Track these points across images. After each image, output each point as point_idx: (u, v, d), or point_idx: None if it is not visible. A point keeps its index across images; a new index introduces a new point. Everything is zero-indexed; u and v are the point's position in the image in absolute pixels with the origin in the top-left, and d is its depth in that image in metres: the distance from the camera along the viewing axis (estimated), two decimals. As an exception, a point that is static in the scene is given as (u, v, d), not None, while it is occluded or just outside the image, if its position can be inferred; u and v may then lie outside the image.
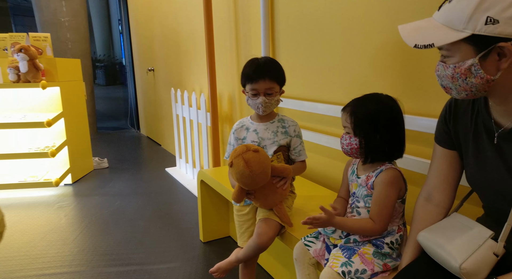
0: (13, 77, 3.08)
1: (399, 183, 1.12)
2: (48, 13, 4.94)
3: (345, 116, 1.16)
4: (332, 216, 1.11)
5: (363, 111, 1.12)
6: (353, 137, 1.13)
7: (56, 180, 3.27)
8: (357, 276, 1.07)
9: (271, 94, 1.47)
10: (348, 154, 1.18)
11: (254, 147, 1.32)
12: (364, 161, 1.17)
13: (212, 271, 1.57)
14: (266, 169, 1.32)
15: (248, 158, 1.28)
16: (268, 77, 1.44)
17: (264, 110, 1.50)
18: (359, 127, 1.12)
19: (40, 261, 2.17)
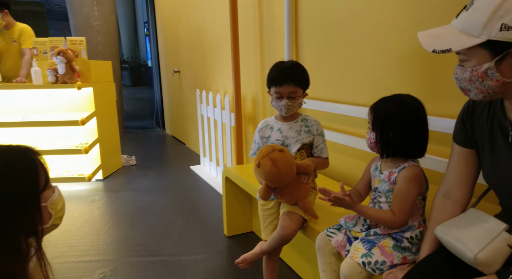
0: (52, 78, 3.29)
1: (420, 180, 1.18)
2: (82, 18, 5.18)
3: (369, 113, 1.26)
4: (355, 203, 1.20)
5: (382, 108, 1.21)
6: (372, 132, 1.23)
7: (88, 176, 3.46)
8: (376, 267, 1.14)
9: (294, 98, 1.55)
10: (370, 148, 1.26)
11: (279, 147, 1.40)
12: (381, 156, 1.25)
13: (237, 262, 1.66)
14: (291, 167, 1.41)
15: (274, 157, 1.36)
16: (292, 82, 1.53)
17: (287, 112, 1.59)
18: (375, 123, 1.21)
19: (77, 249, 2.33)
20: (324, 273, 1.33)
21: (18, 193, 0.79)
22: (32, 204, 0.82)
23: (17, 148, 0.84)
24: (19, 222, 0.79)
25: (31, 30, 3.85)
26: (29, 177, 0.82)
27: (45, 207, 0.86)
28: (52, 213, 0.89)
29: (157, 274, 2.03)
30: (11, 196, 0.78)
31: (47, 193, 0.87)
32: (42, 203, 0.85)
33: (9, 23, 3.78)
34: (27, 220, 0.81)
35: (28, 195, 0.81)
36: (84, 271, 2.09)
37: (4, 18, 3.69)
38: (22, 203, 0.79)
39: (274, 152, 1.38)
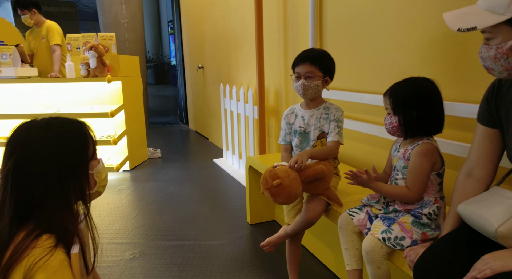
0: (84, 72, 3.45)
1: (433, 156, 1.22)
2: (111, 16, 5.38)
3: (386, 98, 1.29)
4: (372, 179, 1.26)
5: (400, 91, 1.26)
6: (393, 116, 1.26)
7: (117, 166, 3.60)
8: (396, 242, 1.18)
9: (311, 78, 1.57)
10: (391, 133, 1.30)
11: (276, 182, 1.38)
12: (405, 137, 1.29)
13: (262, 244, 1.72)
14: (292, 195, 1.42)
15: (272, 192, 1.40)
16: (309, 61, 1.57)
17: (304, 93, 1.60)
18: (397, 106, 1.25)
19: (108, 232, 2.45)
20: (346, 251, 1.38)
21: (73, 159, 0.89)
22: (82, 170, 0.92)
23: (72, 121, 0.94)
24: (71, 184, 0.89)
25: (57, 26, 4.00)
26: (81, 146, 0.92)
27: (91, 174, 0.96)
28: (97, 181, 0.99)
29: (183, 257, 2.12)
30: (68, 161, 0.88)
31: (93, 163, 0.97)
32: (89, 170, 0.95)
33: (39, 22, 3.95)
34: (78, 184, 0.91)
35: (80, 162, 0.91)
36: (115, 252, 2.20)
37: (33, 17, 3.85)
38: (75, 168, 0.89)
39: (272, 187, 1.39)
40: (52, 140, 0.87)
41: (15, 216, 0.83)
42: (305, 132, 1.67)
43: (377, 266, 1.18)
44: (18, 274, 0.76)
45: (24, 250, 0.78)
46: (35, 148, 0.85)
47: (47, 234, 0.82)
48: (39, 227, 0.82)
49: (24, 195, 0.84)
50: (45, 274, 0.76)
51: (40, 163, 0.85)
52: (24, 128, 0.88)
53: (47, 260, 0.77)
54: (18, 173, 0.84)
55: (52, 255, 0.78)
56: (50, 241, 0.80)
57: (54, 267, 0.77)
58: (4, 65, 3.59)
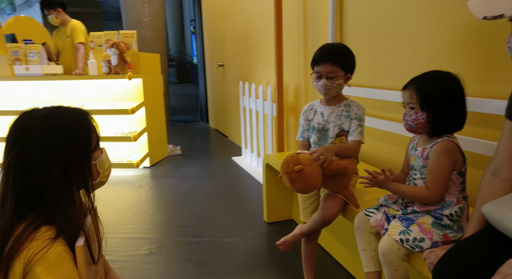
0: (106, 69, 3.51)
1: (454, 154, 1.16)
2: (133, 14, 5.46)
3: (409, 93, 1.21)
4: (389, 180, 1.20)
5: (429, 86, 1.18)
6: (420, 112, 1.19)
7: (137, 162, 3.65)
8: (415, 244, 1.13)
9: (333, 78, 1.53)
10: (413, 130, 1.23)
11: (297, 167, 1.34)
12: (430, 135, 1.21)
13: (278, 243, 1.69)
14: (311, 184, 1.37)
15: (291, 178, 1.36)
16: (331, 61, 1.51)
17: (326, 93, 1.57)
18: (426, 102, 1.18)
19: (127, 227, 2.48)
20: (364, 253, 1.33)
21: (76, 149, 0.88)
22: (86, 161, 0.91)
23: (75, 110, 0.93)
24: (74, 175, 0.88)
25: (81, 25, 4.09)
26: (84, 136, 0.90)
27: (94, 165, 0.94)
28: (100, 171, 0.97)
29: (199, 253, 2.12)
30: (71, 152, 0.87)
31: (96, 153, 0.95)
32: (92, 161, 0.93)
33: (64, 21, 4.04)
34: (81, 175, 0.90)
35: (83, 152, 0.90)
36: (132, 246, 2.22)
37: (58, 16, 3.95)
38: (78, 159, 0.88)
39: (292, 172, 1.35)
40: (54, 130, 0.86)
41: (17, 208, 0.83)
42: (323, 129, 1.63)
43: (395, 268, 1.13)
44: (18, 266, 0.76)
45: (23, 243, 0.78)
46: (37, 139, 0.84)
47: (46, 226, 0.81)
48: (39, 219, 0.82)
49: (26, 187, 0.83)
50: (43, 266, 0.76)
51: (43, 153, 0.83)
52: (26, 118, 0.86)
53: (46, 253, 0.77)
54: (20, 164, 0.83)
55: (51, 247, 0.78)
56: (49, 233, 0.80)
57: (52, 258, 0.77)
58: (31, 62, 3.71)
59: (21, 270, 0.76)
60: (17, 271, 0.76)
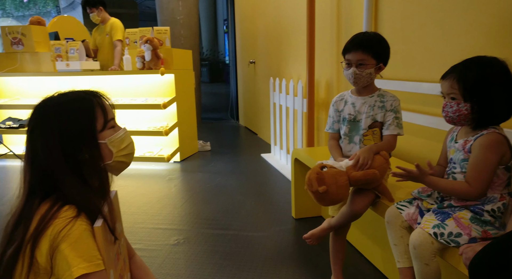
0: (140, 65, 3.60)
1: (501, 148, 1.07)
2: (168, 13, 5.58)
3: (450, 82, 1.13)
4: (425, 174, 1.13)
5: (472, 75, 1.09)
6: (462, 103, 1.11)
7: (167, 156, 3.72)
8: (450, 238, 1.06)
9: (362, 65, 1.47)
10: (454, 122, 1.15)
11: (322, 188, 1.29)
12: (474, 127, 1.13)
13: (305, 237, 1.65)
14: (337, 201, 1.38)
15: (316, 197, 1.35)
16: (361, 49, 1.46)
17: (355, 82, 1.51)
18: (469, 92, 1.09)
19: (156, 218, 2.53)
20: (396, 248, 1.27)
21: (75, 130, 0.88)
22: (89, 141, 0.89)
23: (80, 92, 0.94)
24: (79, 156, 0.88)
25: (120, 23, 4.25)
26: (84, 117, 0.89)
27: (104, 144, 0.92)
28: (113, 151, 0.94)
29: (225, 245, 2.12)
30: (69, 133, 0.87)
31: (106, 132, 0.93)
32: (100, 140, 0.91)
33: (104, 19, 4.21)
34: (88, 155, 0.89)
35: (84, 133, 0.89)
36: (161, 236, 2.26)
37: (99, 14, 4.12)
38: (79, 140, 0.88)
39: (316, 192, 1.32)
40: (54, 110, 0.88)
41: (38, 189, 0.86)
42: (355, 120, 1.58)
43: (426, 262, 1.07)
44: (44, 243, 0.79)
45: (49, 221, 0.80)
46: (39, 118, 0.87)
47: (68, 205, 0.83)
48: (60, 199, 0.84)
49: (39, 167, 0.86)
50: (67, 243, 0.79)
51: (43, 133, 0.86)
52: (40, 103, 0.90)
53: (69, 230, 0.79)
54: (29, 144, 0.87)
55: (74, 225, 0.80)
56: (70, 212, 0.82)
57: (75, 236, 0.80)
58: (71, 59, 3.87)
59: (48, 247, 0.79)
60: (44, 248, 0.79)
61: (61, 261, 0.78)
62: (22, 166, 0.88)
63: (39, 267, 0.80)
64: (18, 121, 4.17)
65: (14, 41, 3.98)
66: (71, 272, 0.77)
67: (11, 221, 0.85)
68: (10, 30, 3.98)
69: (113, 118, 0.96)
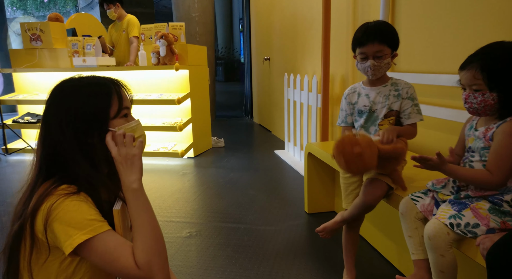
0: (155, 60, 3.63)
1: None
2: (183, 10, 5.62)
3: (472, 73, 1.08)
4: (444, 162, 1.09)
5: (497, 63, 1.04)
6: (488, 93, 1.06)
7: (181, 152, 3.74)
8: (467, 229, 1.03)
9: (380, 57, 1.44)
10: (478, 113, 1.11)
11: (357, 149, 1.26)
12: (500, 116, 1.09)
13: (318, 230, 1.62)
14: (367, 168, 1.30)
15: (347, 159, 1.26)
16: (377, 40, 1.42)
17: (374, 74, 1.48)
18: (494, 81, 1.05)
19: (169, 211, 2.54)
20: (410, 240, 1.24)
21: (90, 114, 0.87)
22: (100, 125, 0.89)
23: (99, 77, 0.93)
24: (90, 140, 0.88)
25: (136, 20, 4.29)
26: (101, 102, 0.89)
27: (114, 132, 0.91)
28: None
29: (238, 238, 2.12)
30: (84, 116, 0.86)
31: (118, 121, 0.92)
32: (111, 127, 0.90)
33: (121, 15, 4.26)
34: (98, 141, 0.88)
35: (97, 117, 0.88)
36: (174, 229, 2.27)
37: (116, 10, 4.17)
38: (91, 123, 0.88)
39: (349, 153, 1.25)
40: (70, 91, 0.88)
41: (44, 167, 0.86)
42: (370, 111, 1.55)
43: (441, 253, 1.04)
44: (39, 219, 0.79)
45: (44, 198, 0.80)
46: (57, 98, 0.87)
47: (66, 185, 0.83)
48: (62, 179, 0.84)
49: (50, 144, 0.86)
50: (60, 215, 0.78)
51: (60, 112, 0.86)
52: (60, 82, 0.90)
53: (60, 203, 0.78)
54: (45, 121, 0.87)
55: (65, 199, 0.79)
56: (67, 190, 0.81)
57: (66, 206, 0.78)
58: (88, 55, 3.93)
59: (42, 223, 0.78)
60: (39, 224, 0.79)
61: (59, 233, 0.77)
62: (36, 143, 0.89)
63: (41, 244, 0.81)
64: (37, 116, 4.26)
65: (33, 37, 4.07)
66: (71, 241, 0.76)
67: (22, 199, 0.85)
68: (29, 26, 4.07)
69: (128, 108, 0.95)
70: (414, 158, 1.13)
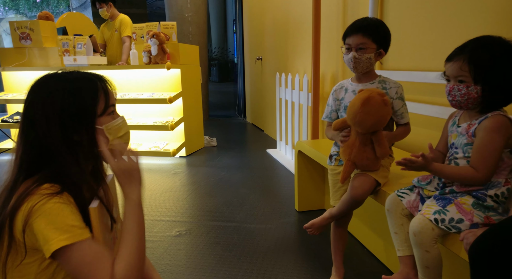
0: (146, 59, 3.61)
1: (507, 130, 1.03)
2: (176, 10, 5.60)
3: (459, 64, 1.07)
4: (429, 162, 1.08)
5: (485, 56, 1.04)
6: (472, 86, 1.06)
7: (173, 151, 3.72)
8: (452, 224, 1.03)
9: (362, 49, 1.44)
10: (461, 106, 1.11)
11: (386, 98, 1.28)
12: (481, 110, 1.09)
13: (306, 226, 1.62)
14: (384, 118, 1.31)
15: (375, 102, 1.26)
16: (362, 32, 1.43)
17: (355, 67, 1.48)
18: (481, 74, 1.04)
19: (159, 210, 2.53)
20: (396, 236, 1.24)
21: (76, 111, 0.85)
22: (87, 124, 0.87)
23: (86, 73, 0.91)
24: (76, 137, 0.85)
25: (129, 19, 4.26)
26: (87, 99, 0.87)
27: (101, 130, 0.89)
28: (110, 138, 0.92)
29: (227, 237, 2.11)
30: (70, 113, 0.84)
31: (105, 118, 0.90)
32: (98, 125, 0.89)
33: (113, 15, 4.23)
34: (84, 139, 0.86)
35: (84, 115, 0.86)
36: (163, 228, 2.25)
37: (109, 10, 4.13)
38: (78, 121, 0.85)
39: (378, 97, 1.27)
40: (57, 87, 0.85)
41: (25, 165, 0.83)
42: None
43: (426, 249, 1.04)
44: (19, 219, 0.76)
45: (26, 197, 0.77)
46: (42, 94, 0.84)
47: (49, 184, 0.80)
48: (44, 177, 0.81)
49: (33, 144, 0.83)
50: (42, 217, 0.75)
51: (44, 111, 0.83)
52: (42, 77, 0.87)
53: (43, 204, 0.76)
54: (27, 117, 0.84)
55: (48, 200, 0.77)
56: (50, 190, 0.79)
57: (49, 209, 0.76)
58: (79, 54, 3.90)
59: (21, 224, 0.76)
60: (19, 225, 0.76)
61: (38, 236, 0.75)
62: (16, 140, 0.86)
63: (19, 245, 0.78)
64: (27, 115, 4.21)
65: (23, 36, 4.03)
66: (48, 246, 0.74)
67: (1, 198, 0.83)
68: (19, 25, 4.03)
69: (114, 105, 0.94)
70: (399, 163, 1.12)
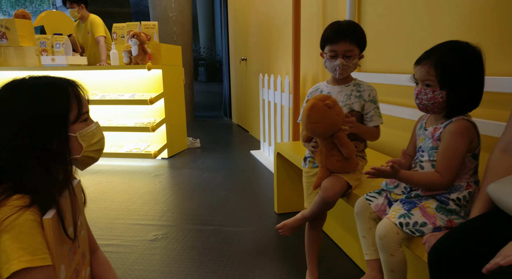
0: (127, 59, 3.56)
1: (470, 134, 1.04)
2: (160, 9, 5.54)
3: (426, 68, 1.08)
4: (397, 171, 1.08)
5: (451, 62, 1.04)
6: (438, 91, 1.06)
7: (154, 153, 3.68)
8: (415, 228, 1.03)
9: (350, 57, 1.45)
10: (427, 109, 1.11)
11: (331, 101, 1.31)
12: (447, 115, 1.09)
13: (278, 227, 1.61)
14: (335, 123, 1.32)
15: (319, 107, 1.29)
16: (349, 39, 1.43)
17: (341, 73, 1.48)
18: (446, 79, 1.05)
19: (137, 214, 2.49)
20: (364, 240, 1.24)
21: (47, 119, 0.82)
22: (59, 132, 0.84)
23: (57, 79, 0.88)
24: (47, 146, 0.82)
25: (99, 18, 4.16)
26: (58, 107, 0.84)
27: (74, 137, 0.87)
28: (83, 145, 0.90)
29: (204, 240, 2.09)
30: (40, 121, 0.81)
31: (78, 125, 0.88)
32: (71, 133, 0.86)
33: (84, 16, 4.12)
34: (56, 147, 0.83)
35: (55, 123, 0.83)
36: (139, 232, 2.22)
37: (80, 11, 4.03)
38: (48, 130, 0.82)
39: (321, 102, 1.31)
40: (27, 93, 0.81)
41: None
42: None
43: (391, 253, 1.04)
44: None
45: None
46: (10, 100, 0.81)
47: (19, 195, 0.77)
48: (13, 188, 0.78)
49: (1, 154, 0.80)
50: (11, 234, 0.71)
51: (12, 120, 0.79)
52: (8, 83, 0.84)
53: (15, 220, 0.72)
54: None
55: (22, 214, 0.73)
56: (21, 201, 0.75)
57: (20, 226, 0.73)
58: (57, 53, 3.83)
59: None
60: None
61: (1, 253, 0.71)
62: None
63: None
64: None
65: (-1, 35, 3.94)
66: (9, 265, 0.69)
67: None
68: (-5, 24, 3.93)
69: (87, 112, 0.91)
70: (368, 173, 1.11)
